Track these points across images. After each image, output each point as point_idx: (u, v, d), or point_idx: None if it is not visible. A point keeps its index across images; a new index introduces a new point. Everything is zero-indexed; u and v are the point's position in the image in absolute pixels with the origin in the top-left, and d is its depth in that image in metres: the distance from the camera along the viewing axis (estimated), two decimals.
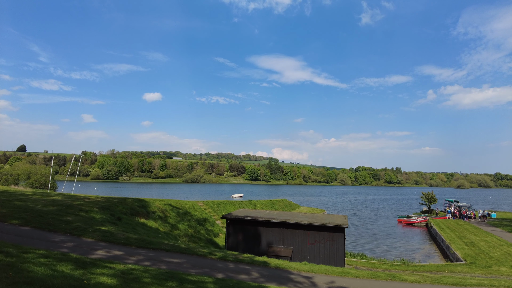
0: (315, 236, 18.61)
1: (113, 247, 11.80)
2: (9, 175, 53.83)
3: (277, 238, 19.10)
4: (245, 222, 19.60)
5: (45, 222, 12.73)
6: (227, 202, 35.68)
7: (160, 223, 21.33)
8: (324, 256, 18.39)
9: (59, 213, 14.86)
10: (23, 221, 12.32)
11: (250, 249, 19.24)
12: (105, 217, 17.26)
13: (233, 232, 19.82)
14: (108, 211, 18.69)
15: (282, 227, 19.03)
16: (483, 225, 43.02)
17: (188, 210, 26.55)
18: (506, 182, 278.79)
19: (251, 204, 41.27)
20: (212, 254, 13.33)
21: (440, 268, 21.06)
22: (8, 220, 12.05)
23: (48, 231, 11.92)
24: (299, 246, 18.75)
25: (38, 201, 17.02)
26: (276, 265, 13.50)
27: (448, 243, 29.39)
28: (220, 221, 28.94)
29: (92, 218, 16.05)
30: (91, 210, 17.49)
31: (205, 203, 31.85)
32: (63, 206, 16.70)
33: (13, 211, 13.38)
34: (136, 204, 21.67)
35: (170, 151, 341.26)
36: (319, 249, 18.50)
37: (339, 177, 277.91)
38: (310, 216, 20.90)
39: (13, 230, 11.03)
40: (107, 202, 20.00)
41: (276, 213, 22.02)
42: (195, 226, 23.92)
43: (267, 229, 19.27)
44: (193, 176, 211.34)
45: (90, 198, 20.87)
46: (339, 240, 18.41)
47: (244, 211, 22.15)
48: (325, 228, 18.41)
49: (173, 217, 23.45)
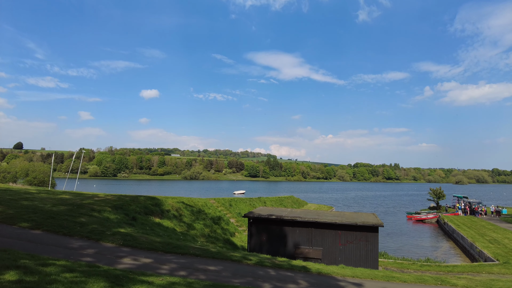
0: (347, 236, 17.22)
1: (138, 253, 10.29)
2: (7, 172, 51.89)
3: (305, 239, 17.68)
4: (270, 222, 18.16)
5: (58, 225, 11.18)
6: (238, 200, 34.23)
7: (175, 222, 19.83)
8: (356, 257, 17.02)
9: (71, 214, 13.30)
10: (33, 223, 10.75)
11: (275, 250, 17.82)
12: (119, 218, 15.72)
13: (256, 232, 18.38)
14: (122, 210, 17.14)
15: (311, 227, 17.61)
16: (497, 221, 41.98)
17: (202, 208, 25.06)
18: (503, 178, 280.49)
19: (260, 201, 39.87)
20: (246, 259, 11.89)
21: (475, 269, 19.81)
22: (17, 223, 10.47)
23: (62, 235, 10.38)
24: (329, 247, 17.36)
25: (46, 200, 15.42)
26: (317, 270, 12.08)
27: (471, 241, 28.21)
28: (234, 219, 27.50)
29: (107, 219, 14.50)
30: (103, 209, 15.93)
31: (217, 200, 30.37)
32: (74, 205, 15.13)
33: (21, 212, 11.79)
34: (149, 203, 20.13)
35: (168, 148, 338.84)
36: (351, 250, 17.12)
37: (337, 173, 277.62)
38: (337, 214, 19.51)
39: (24, 235, 9.48)
40: (119, 201, 18.44)
41: (300, 211, 20.60)
42: (210, 225, 22.46)
43: (293, 229, 17.84)
44: (192, 173, 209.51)
45: (100, 197, 19.28)
46: (373, 241, 17.03)
47: (265, 209, 20.70)
48: (358, 227, 17.02)
49: (187, 216, 21.96)
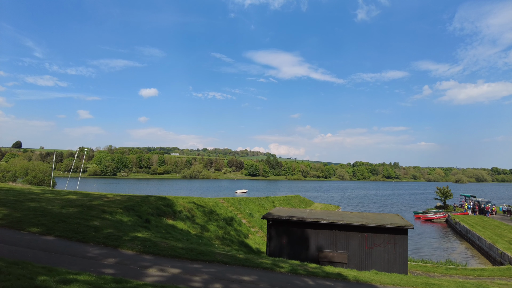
0: (374, 239, 16.17)
1: (162, 261, 9.19)
2: (6, 171, 50.44)
3: (329, 242, 16.63)
4: (290, 224, 17.08)
5: (71, 229, 10.05)
6: (247, 199, 33.15)
7: (189, 224, 18.73)
8: (384, 261, 15.99)
9: (82, 216, 12.17)
10: (43, 228, 9.62)
11: (296, 254, 16.76)
12: (132, 220, 14.60)
13: (275, 234, 17.30)
14: (133, 212, 16.02)
15: (335, 229, 16.55)
16: (509, 221, 41.17)
17: (213, 208, 23.97)
18: (503, 177, 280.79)
19: (268, 200, 38.81)
20: (277, 266, 10.82)
21: (505, 273, 18.86)
22: (25, 228, 9.33)
23: (77, 242, 9.26)
24: (355, 250, 16.31)
25: (53, 201, 14.27)
26: (354, 278, 11.04)
27: (490, 242, 27.28)
28: (245, 220, 26.43)
29: (120, 222, 13.38)
30: (115, 211, 14.80)
31: (226, 200, 29.27)
32: (83, 207, 14.00)
33: (29, 215, 10.65)
34: (161, 203, 19.02)
35: (167, 147, 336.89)
36: (379, 254, 16.08)
37: (337, 172, 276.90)
38: (361, 216, 18.46)
39: (36, 242, 8.35)
40: (129, 202, 17.31)
41: (321, 212, 19.54)
42: (224, 227, 21.37)
43: (316, 231, 16.78)
44: (191, 172, 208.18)
45: (109, 197, 18.14)
46: (401, 243, 16.00)
47: (282, 210, 19.63)
48: (386, 229, 15.98)
49: (200, 217, 20.86)
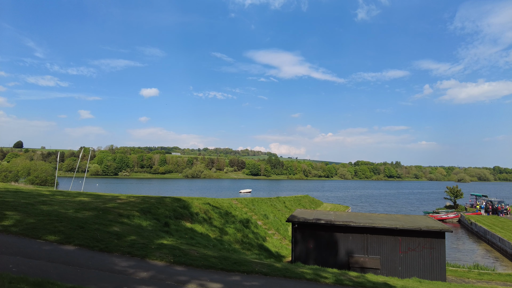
0: (408, 243, 15.08)
1: (198, 274, 8.08)
2: (9, 171, 49.35)
3: (359, 246, 15.53)
4: (317, 227, 15.98)
5: (91, 237, 8.94)
6: (259, 200, 32.05)
7: (207, 227, 17.63)
8: (420, 267, 14.89)
9: (100, 222, 11.06)
10: (61, 236, 8.51)
11: (324, 259, 15.67)
12: (152, 224, 13.50)
13: (301, 238, 16.20)
14: (151, 215, 14.92)
15: (366, 233, 15.45)
16: None
17: (228, 210, 22.87)
18: (505, 176, 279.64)
19: (279, 201, 37.73)
20: (320, 276, 9.72)
21: None
22: (42, 236, 8.21)
23: (99, 252, 8.16)
24: (388, 255, 15.21)
25: (66, 204, 13.15)
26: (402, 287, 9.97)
27: None
28: (260, 221, 25.33)
29: (140, 227, 12.28)
30: (132, 214, 13.71)
31: (239, 201, 28.19)
32: (98, 210, 12.90)
33: (44, 220, 9.53)
34: (177, 205, 17.92)
35: (168, 147, 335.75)
36: (414, 259, 14.98)
37: (339, 171, 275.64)
38: (391, 218, 17.36)
39: (56, 254, 7.24)
40: (144, 204, 16.21)
41: (347, 215, 18.44)
42: (241, 229, 20.27)
43: (345, 235, 15.68)
44: (193, 172, 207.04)
45: (122, 199, 17.03)
46: (438, 248, 14.91)
47: (306, 213, 18.54)
48: (422, 233, 14.88)
49: (217, 219, 19.76)
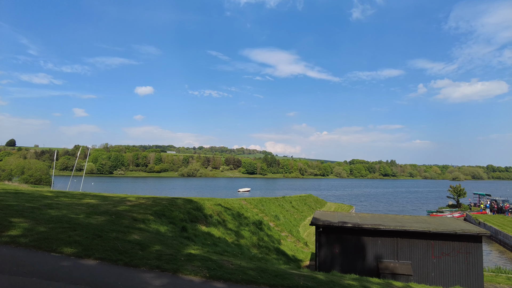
0: (441, 247, 14.13)
1: None
2: (2, 170, 47.37)
3: (389, 251, 14.53)
4: (344, 231, 14.93)
5: (112, 248, 7.71)
6: (267, 200, 30.96)
7: (222, 230, 16.47)
8: (455, 273, 13.96)
9: (116, 228, 9.82)
10: (79, 248, 7.26)
11: (352, 265, 14.64)
12: (169, 229, 12.30)
13: (326, 243, 15.14)
14: (165, 218, 13.71)
15: (396, 236, 14.46)
16: None
17: (240, 211, 21.73)
18: (498, 174, 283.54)
19: (286, 200, 36.68)
20: None
21: None
22: (57, 248, 6.95)
23: (125, 266, 6.93)
24: (420, 260, 14.25)
25: (74, 208, 11.85)
26: None
27: None
28: (272, 223, 24.24)
29: (159, 233, 11.07)
30: (146, 218, 12.48)
31: (248, 201, 27.05)
32: (110, 214, 11.64)
33: (56, 228, 8.25)
34: (190, 207, 16.72)
35: (163, 145, 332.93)
36: (448, 264, 14.04)
37: (334, 170, 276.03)
38: (421, 220, 16.39)
39: (77, 272, 6.00)
40: (156, 206, 14.97)
41: (371, 217, 17.44)
42: (256, 232, 19.16)
43: (374, 239, 14.66)
44: (189, 170, 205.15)
45: (132, 200, 15.74)
46: (475, 253, 14.00)
47: (327, 215, 17.49)
48: (457, 236, 13.95)
49: (230, 221, 18.61)
